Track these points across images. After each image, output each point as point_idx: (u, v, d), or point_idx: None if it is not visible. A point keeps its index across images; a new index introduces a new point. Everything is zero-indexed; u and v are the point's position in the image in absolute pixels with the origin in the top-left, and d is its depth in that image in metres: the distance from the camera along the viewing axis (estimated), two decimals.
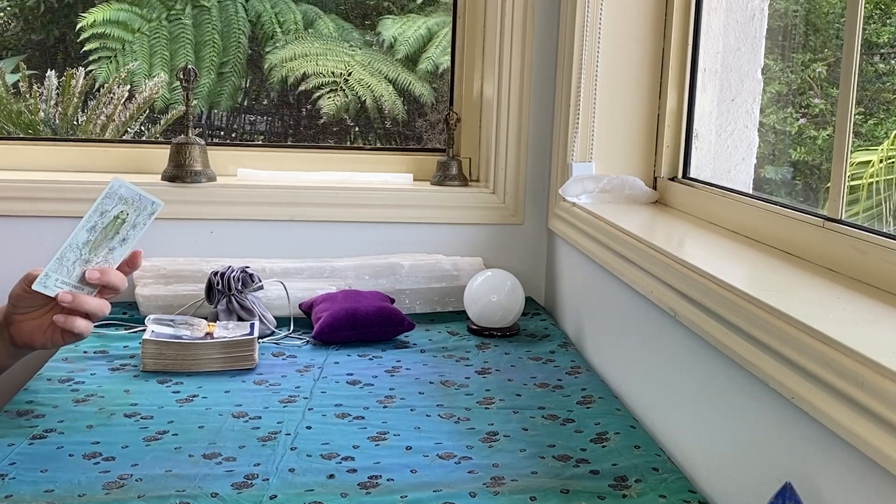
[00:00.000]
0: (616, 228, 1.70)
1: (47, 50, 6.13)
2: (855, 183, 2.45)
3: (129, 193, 1.36)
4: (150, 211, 1.37)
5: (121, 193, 1.35)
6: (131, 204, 1.36)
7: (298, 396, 1.57)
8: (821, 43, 2.72)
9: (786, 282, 1.29)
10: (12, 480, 1.22)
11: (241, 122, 6.49)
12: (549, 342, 1.93)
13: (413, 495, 1.21)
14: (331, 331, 1.86)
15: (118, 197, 1.35)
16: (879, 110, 2.65)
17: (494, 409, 1.54)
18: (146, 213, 1.37)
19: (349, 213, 2.22)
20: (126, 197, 1.35)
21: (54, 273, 1.33)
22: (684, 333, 1.37)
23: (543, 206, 2.27)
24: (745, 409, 1.19)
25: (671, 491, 1.24)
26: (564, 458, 1.34)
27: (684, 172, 1.99)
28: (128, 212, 1.36)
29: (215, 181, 2.21)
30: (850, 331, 1.01)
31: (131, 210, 1.36)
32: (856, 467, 0.93)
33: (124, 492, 1.20)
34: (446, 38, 5.80)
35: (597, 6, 1.99)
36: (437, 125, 6.03)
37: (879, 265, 1.22)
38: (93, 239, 1.34)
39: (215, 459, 1.31)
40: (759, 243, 1.53)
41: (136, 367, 1.69)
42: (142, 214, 1.37)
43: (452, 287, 2.12)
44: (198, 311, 1.94)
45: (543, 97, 2.23)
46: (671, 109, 2.00)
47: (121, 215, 1.35)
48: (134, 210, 1.36)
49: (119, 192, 1.35)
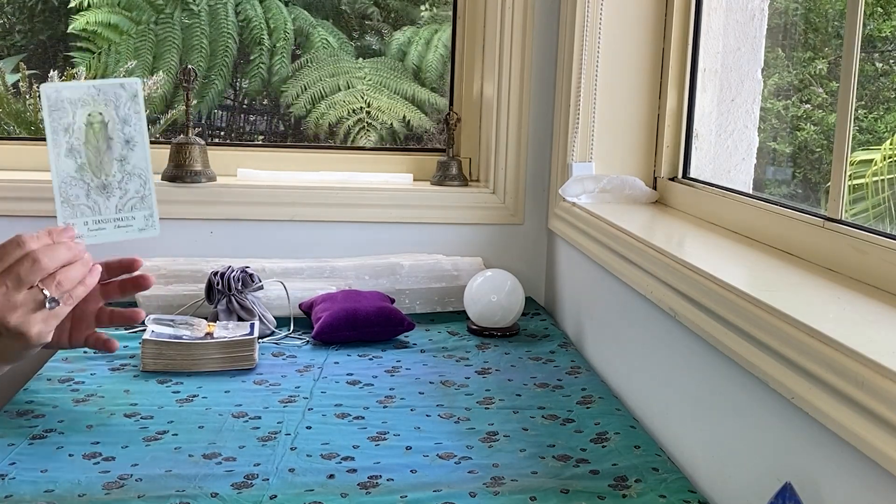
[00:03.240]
0: (616, 228, 1.70)
1: (47, 50, 6.13)
2: (858, 182, 2.45)
3: (77, 92, 1.09)
4: (131, 94, 1.12)
5: (66, 97, 1.09)
6: (94, 101, 1.10)
7: (298, 396, 1.57)
8: (820, 41, 2.72)
9: (786, 282, 1.29)
10: (12, 480, 1.22)
11: (242, 122, 6.49)
12: (549, 342, 1.93)
13: (413, 495, 1.21)
14: (331, 331, 1.86)
15: (66, 102, 1.09)
16: (879, 108, 2.65)
17: (494, 409, 1.54)
18: (127, 99, 1.12)
19: (349, 213, 2.22)
20: (76, 98, 1.10)
21: (74, 218, 1.10)
22: (684, 333, 1.37)
23: (543, 206, 2.27)
24: (745, 409, 1.19)
25: (671, 491, 1.24)
26: (564, 458, 1.34)
27: (684, 172, 1.99)
28: (98, 111, 1.10)
29: (215, 181, 2.21)
30: (850, 331, 1.01)
31: (101, 107, 1.10)
32: (856, 467, 0.93)
33: (124, 492, 1.20)
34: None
35: (597, 6, 1.99)
36: (436, 125, 6.03)
37: (879, 265, 1.22)
38: (84, 161, 1.10)
39: (215, 459, 1.31)
40: (759, 243, 1.53)
41: (136, 367, 1.69)
42: (122, 104, 1.11)
43: (452, 287, 2.12)
44: (198, 311, 1.93)
45: (543, 97, 2.23)
46: (671, 109, 2.00)
47: (91, 119, 1.11)
48: (104, 104, 1.10)
49: (61, 96, 1.09)
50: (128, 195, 1.12)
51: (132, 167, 1.12)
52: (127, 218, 1.12)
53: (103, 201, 1.11)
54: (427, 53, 6.17)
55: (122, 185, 1.12)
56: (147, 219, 1.13)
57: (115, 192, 1.12)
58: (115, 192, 1.12)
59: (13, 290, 0.97)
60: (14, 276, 0.98)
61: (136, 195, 1.12)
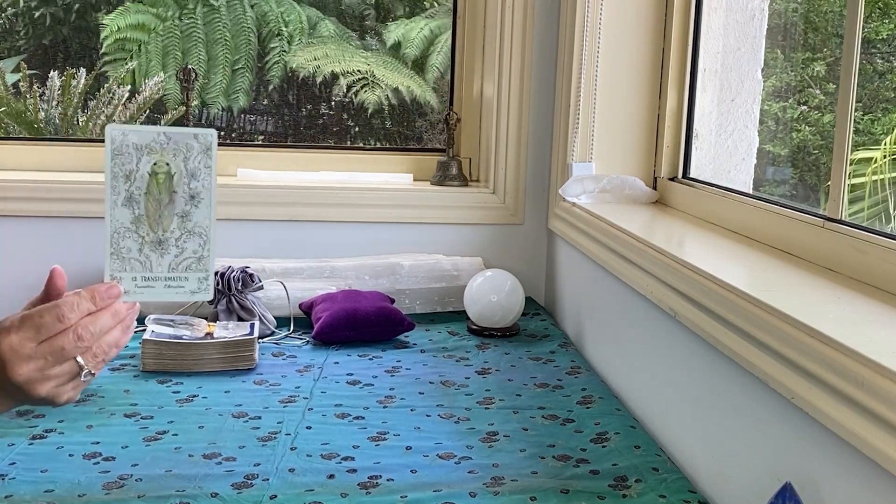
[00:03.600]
0: (616, 228, 1.70)
1: (47, 50, 6.13)
2: (858, 181, 2.45)
3: (145, 138, 1.00)
4: (204, 146, 1.02)
5: (132, 141, 1.00)
6: (163, 149, 1.01)
7: (298, 396, 1.57)
8: (820, 41, 2.72)
9: (786, 282, 1.29)
10: (12, 480, 1.22)
11: (242, 121, 6.49)
12: (549, 342, 1.93)
13: (413, 495, 1.21)
14: (331, 331, 1.86)
15: (132, 146, 1.00)
16: (877, 109, 2.65)
17: (494, 409, 1.54)
18: (199, 152, 1.02)
19: (349, 213, 2.22)
20: (143, 143, 1.01)
21: (122, 272, 1.01)
22: (684, 333, 1.37)
23: (543, 206, 2.27)
24: (745, 409, 1.19)
25: (671, 491, 1.24)
26: (564, 458, 1.34)
27: (684, 172, 1.99)
28: (166, 160, 1.01)
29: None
30: (850, 331, 1.01)
31: (169, 156, 1.01)
32: (856, 467, 0.93)
33: (124, 492, 1.20)
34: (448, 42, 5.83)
35: (597, 6, 1.99)
36: (437, 125, 6.03)
37: (879, 265, 1.22)
38: (142, 212, 1.01)
39: (215, 459, 1.31)
40: (759, 243, 1.53)
41: (136, 367, 1.69)
42: (193, 156, 1.02)
43: (452, 287, 2.12)
44: (198, 311, 1.93)
45: (543, 97, 2.23)
46: (671, 109, 2.00)
47: (157, 168, 1.01)
48: (173, 154, 1.01)
49: (126, 140, 1.00)
50: (184, 254, 1.02)
51: (193, 225, 1.02)
52: (180, 278, 1.02)
53: (156, 258, 1.01)
54: (410, 33, 6.20)
55: (180, 244, 1.02)
56: (201, 281, 1.03)
57: (171, 249, 1.02)
58: (171, 250, 1.02)
59: (51, 365, 0.91)
60: (55, 350, 0.91)
61: (193, 255, 1.03)
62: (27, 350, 0.88)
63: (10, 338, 0.87)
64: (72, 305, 0.92)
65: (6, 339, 0.87)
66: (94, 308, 0.94)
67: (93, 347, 0.93)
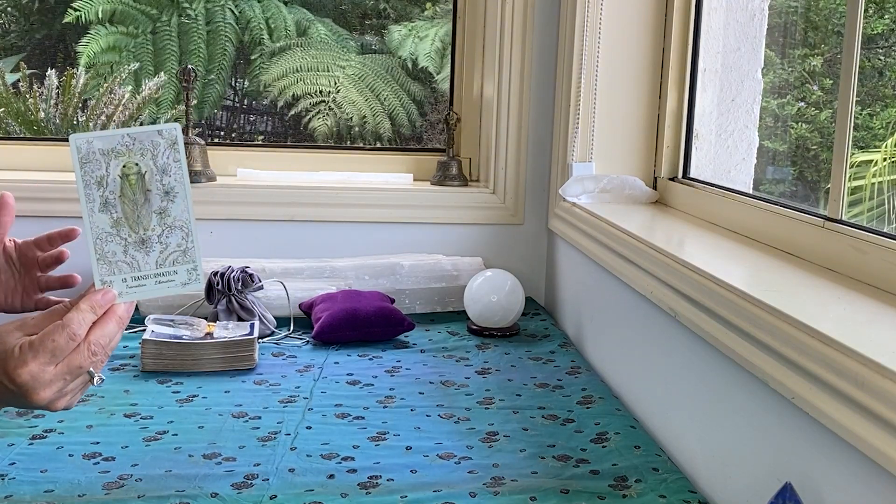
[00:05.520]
0: (616, 228, 1.70)
1: (47, 49, 6.12)
2: (857, 184, 2.45)
3: (109, 143, 1.02)
4: (169, 140, 1.03)
5: (97, 148, 1.01)
6: (130, 151, 1.02)
7: (298, 396, 1.57)
8: (819, 38, 2.72)
9: (786, 282, 1.29)
10: (12, 480, 1.22)
11: (242, 121, 6.49)
12: (549, 342, 1.93)
13: (413, 495, 1.21)
14: (331, 331, 1.86)
15: (98, 153, 1.01)
16: (875, 105, 2.65)
17: (494, 409, 1.54)
18: (165, 147, 1.03)
19: (349, 213, 2.22)
20: (109, 148, 1.02)
21: (111, 276, 1.02)
22: (684, 333, 1.37)
23: (543, 206, 2.27)
24: (745, 409, 1.19)
25: (671, 491, 1.24)
26: (564, 458, 1.34)
27: (684, 172, 1.99)
28: (134, 161, 1.02)
29: (215, 181, 2.21)
30: (850, 331, 1.01)
31: (137, 157, 1.02)
32: (856, 467, 0.93)
33: (124, 492, 1.20)
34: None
35: (597, 6, 1.99)
36: (437, 125, 6.02)
37: (879, 265, 1.22)
38: (120, 215, 1.02)
39: (215, 459, 1.31)
40: (759, 243, 1.53)
41: (136, 367, 1.69)
42: (161, 152, 1.03)
43: (452, 287, 2.12)
44: (198, 311, 1.94)
45: (543, 97, 2.23)
46: (671, 109, 2.00)
47: (127, 170, 1.02)
48: (140, 154, 1.02)
49: (92, 147, 1.01)
50: (168, 249, 1.04)
51: (173, 220, 1.04)
52: (169, 273, 1.03)
53: (142, 257, 1.03)
54: (426, 48, 6.18)
55: (163, 239, 1.03)
56: (190, 272, 1.04)
57: (155, 246, 1.03)
58: (155, 247, 1.03)
59: (69, 383, 0.93)
60: (73, 370, 0.93)
61: (177, 249, 1.04)
62: (48, 376, 0.90)
63: (30, 367, 0.89)
64: (80, 322, 0.93)
65: (25, 369, 0.89)
66: (96, 317, 0.95)
67: (99, 353, 0.96)
